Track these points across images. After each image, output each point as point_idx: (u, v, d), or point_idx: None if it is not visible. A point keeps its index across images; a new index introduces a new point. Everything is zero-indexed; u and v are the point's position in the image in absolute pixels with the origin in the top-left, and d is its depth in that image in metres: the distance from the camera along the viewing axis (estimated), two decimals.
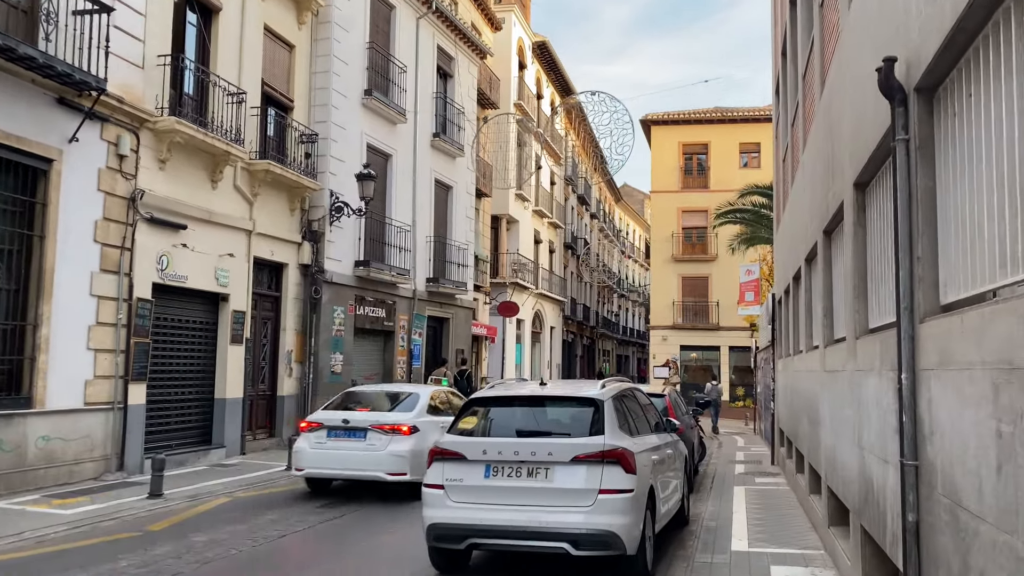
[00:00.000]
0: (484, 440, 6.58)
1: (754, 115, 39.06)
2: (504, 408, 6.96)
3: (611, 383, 7.40)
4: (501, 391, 7.12)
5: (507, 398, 7.00)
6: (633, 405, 7.72)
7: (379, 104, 19.24)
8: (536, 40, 36.71)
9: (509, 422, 6.80)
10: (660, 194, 40.14)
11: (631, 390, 7.95)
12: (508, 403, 6.98)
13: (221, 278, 14.44)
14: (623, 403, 7.22)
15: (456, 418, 6.92)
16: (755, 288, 28.62)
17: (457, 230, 23.74)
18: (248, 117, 15.21)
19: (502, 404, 6.99)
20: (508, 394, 7.02)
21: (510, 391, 7.12)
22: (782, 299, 14.38)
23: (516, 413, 6.91)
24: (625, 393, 7.53)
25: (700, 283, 39.63)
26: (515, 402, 6.98)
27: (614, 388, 7.21)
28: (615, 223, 64.06)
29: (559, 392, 7.09)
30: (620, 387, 7.48)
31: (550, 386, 7.30)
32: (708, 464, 16.65)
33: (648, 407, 8.52)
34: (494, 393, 7.06)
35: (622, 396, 7.28)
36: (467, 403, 6.98)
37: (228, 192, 14.77)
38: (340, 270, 17.86)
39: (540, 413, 6.86)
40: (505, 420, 6.84)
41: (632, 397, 7.88)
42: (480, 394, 7.11)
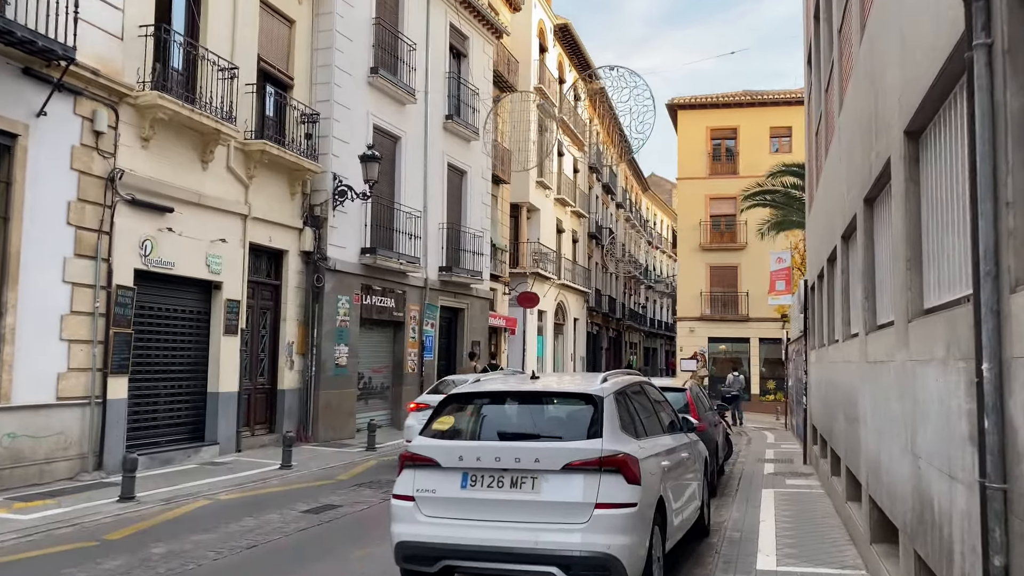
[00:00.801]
0: (460, 444, 5.59)
1: (785, 97, 37.52)
2: (487, 406, 5.96)
3: (615, 376, 6.38)
4: (484, 386, 6.12)
5: (490, 394, 5.99)
6: (642, 402, 6.68)
7: (386, 83, 18.29)
8: (558, 22, 35.57)
9: (492, 423, 5.81)
10: (687, 181, 38.81)
11: (640, 384, 6.90)
12: (491, 400, 5.97)
13: (213, 265, 13.60)
14: (628, 400, 6.19)
15: (431, 417, 5.94)
16: (786, 277, 27.32)
17: (472, 217, 22.76)
18: (242, 95, 14.34)
19: (484, 401, 5.99)
20: (491, 389, 6.01)
21: (494, 386, 6.11)
22: (815, 285, 13.22)
23: (501, 412, 5.91)
24: (632, 388, 6.49)
25: (729, 273, 38.27)
26: (499, 399, 5.96)
27: (618, 382, 6.18)
28: (642, 213, 62.75)
29: (551, 387, 6.07)
30: (626, 381, 6.44)
31: (543, 380, 6.28)
32: (735, 463, 15.54)
33: (662, 404, 7.48)
34: (475, 388, 6.07)
35: (627, 392, 6.25)
36: (444, 400, 5.99)
37: (220, 174, 13.91)
38: (345, 257, 16.97)
39: (529, 412, 5.85)
40: (487, 420, 5.85)
41: (641, 392, 6.84)
42: (460, 389, 6.12)
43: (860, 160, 6.92)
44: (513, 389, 6.01)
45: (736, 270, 38.05)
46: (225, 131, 13.31)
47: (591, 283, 42.65)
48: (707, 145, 38.69)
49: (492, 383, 6.27)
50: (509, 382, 6.30)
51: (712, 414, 12.42)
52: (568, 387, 6.06)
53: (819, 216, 12.00)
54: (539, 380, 6.24)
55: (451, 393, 6.07)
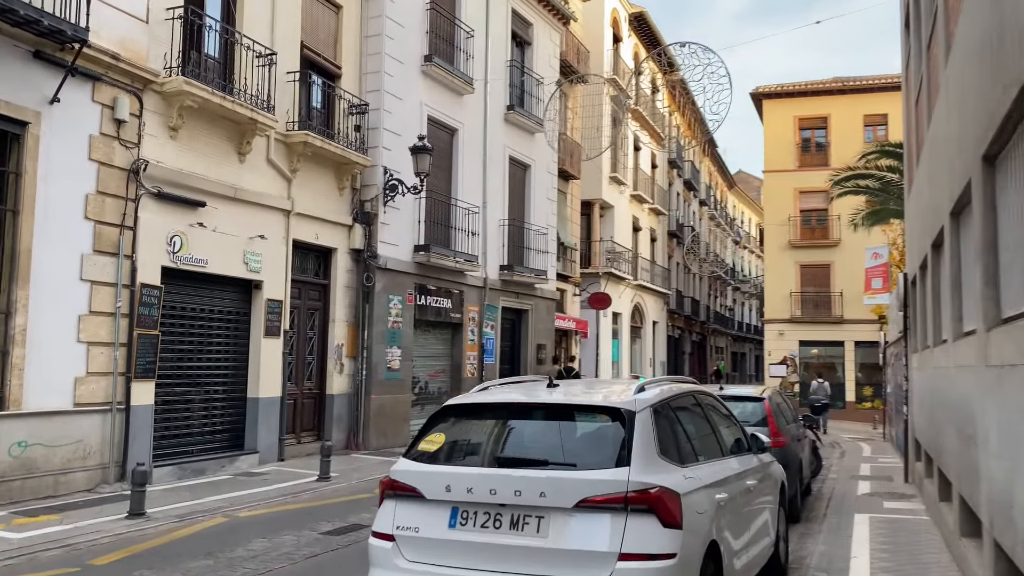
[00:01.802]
0: (448, 470, 4.40)
1: (880, 83, 34.96)
2: (487, 420, 4.76)
3: (658, 385, 5.06)
4: (486, 396, 4.91)
5: (492, 406, 4.78)
6: (694, 417, 5.36)
7: (441, 72, 17.30)
8: (633, 11, 34.05)
9: (493, 442, 4.60)
10: (774, 174, 36.60)
11: (692, 394, 5.55)
12: (494, 413, 4.75)
13: (252, 263, 12.83)
14: (673, 415, 4.89)
15: (419, 434, 4.78)
16: (883, 274, 25.10)
17: (536, 213, 21.57)
18: (283, 83, 13.57)
19: (484, 415, 4.78)
20: (494, 400, 4.80)
21: (498, 395, 4.89)
22: (917, 277, 11.48)
23: (505, 429, 4.69)
24: (680, 400, 5.16)
25: (821, 271, 35.87)
26: (504, 412, 4.73)
27: (660, 392, 4.87)
28: (728, 211, 60.33)
29: (570, 399, 4.79)
30: (672, 391, 5.11)
31: (564, 389, 5.01)
32: (824, 479, 13.86)
33: (724, 419, 6.11)
34: (474, 399, 4.87)
35: (672, 405, 4.93)
36: (437, 413, 4.83)
37: (259, 167, 13.15)
38: (397, 255, 16.04)
39: (540, 430, 4.60)
40: (486, 439, 4.65)
41: (695, 405, 5.51)
42: (456, 399, 4.93)
43: (975, 108, 5.42)
44: (521, 400, 4.78)
45: (828, 268, 35.63)
46: (262, 121, 12.53)
47: (671, 284, 40.84)
48: (795, 136, 36.41)
49: (498, 391, 5.05)
50: (519, 390, 5.07)
51: (796, 427, 10.86)
52: (591, 398, 4.78)
53: (921, 195, 10.32)
54: (558, 388, 4.98)
55: (446, 404, 4.89)
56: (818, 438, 14.78)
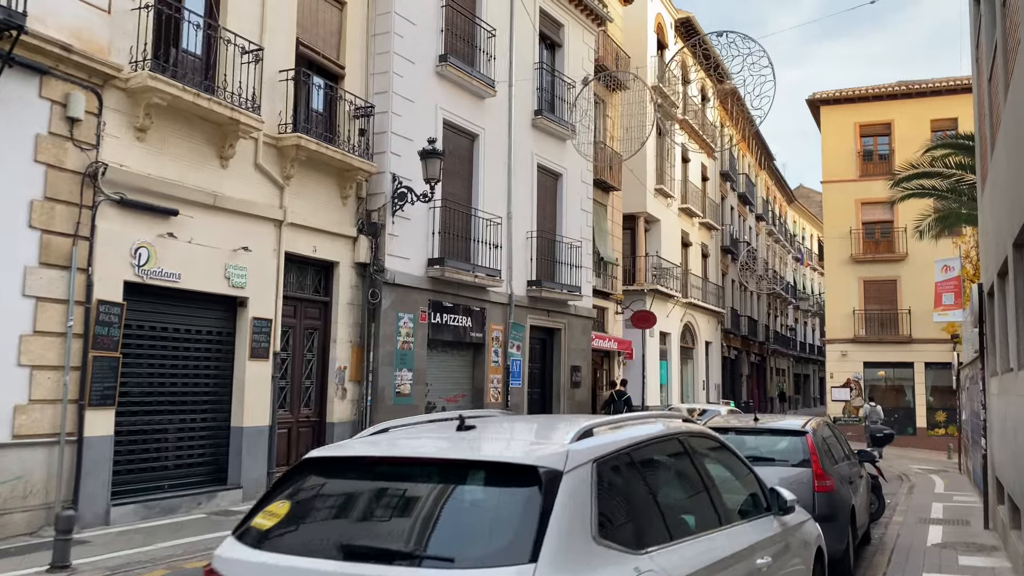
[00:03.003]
0: (275, 562, 2.96)
1: (948, 85, 32.62)
2: (353, 482, 3.29)
3: (611, 428, 3.54)
4: (360, 446, 3.46)
5: (360, 463, 3.31)
6: (675, 472, 3.83)
7: (458, 73, 16.05)
8: (679, 16, 32.46)
9: (347, 519, 3.15)
10: (834, 184, 34.38)
11: (676, 438, 4.00)
12: (361, 472, 3.28)
13: (235, 278, 11.66)
14: (637, 471, 3.37)
15: (262, 498, 3.36)
16: (955, 288, 22.90)
17: (569, 225, 20.09)
18: (275, 82, 12.47)
19: (349, 473, 3.33)
20: (363, 454, 3.33)
21: (375, 447, 3.41)
22: (995, 286, 9.65)
23: (372, 497, 3.20)
24: (648, 448, 3.61)
25: (886, 287, 33.44)
26: (375, 470, 3.25)
27: (614, 440, 3.36)
28: (787, 226, 57.83)
29: (469, 451, 3.23)
30: (635, 436, 3.57)
31: (475, 435, 3.49)
32: (888, 523, 11.97)
33: (728, 471, 4.56)
34: (339, 451, 3.42)
35: (635, 457, 3.40)
36: (293, 468, 3.39)
37: (245, 172, 12.02)
38: (407, 270, 14.75)
39: (420, 499, 3.11)
40: (344, 513, 3.19)
41: (680, 453, 3.97)
42: (319, 451, 3.49)
43: None
44: (399, 455, 3.30)
45: (895, 284, 33.20)
46: (246, 122, 11.39)
47: (725, 302, 38.77)
48: (856, 143, 34.19)
49: (387, 438, 3.59)
50: (415, 437, 3.60)
51: (848, 465, 9.10)
52: (501, 450, 3.29)
53: (998, 184, 8.55)
54: (470, 434, 3.49)
55: (306, 456, 3.45)
56: (880, 473, 12.88)
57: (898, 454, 24.65)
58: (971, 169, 14.18)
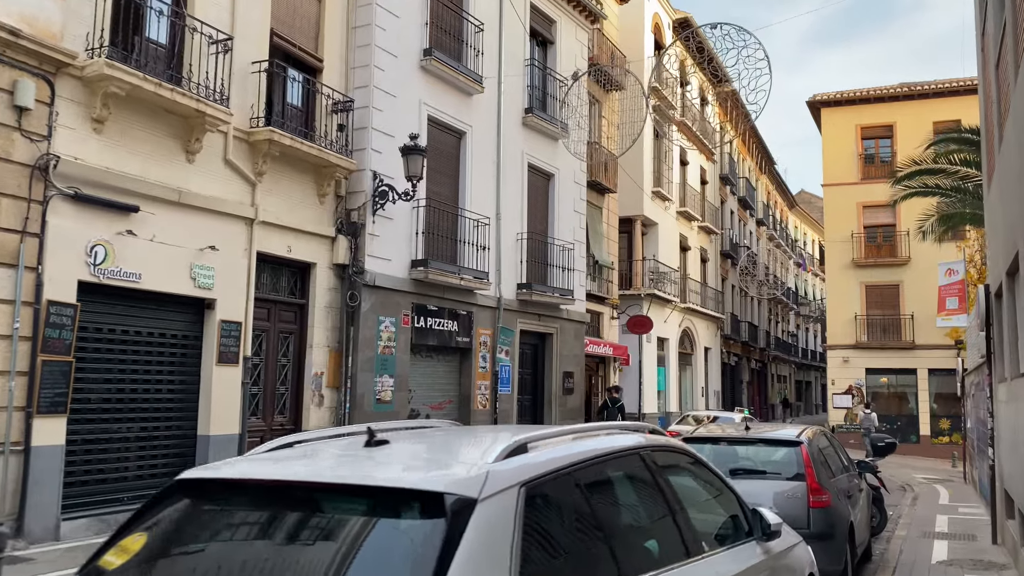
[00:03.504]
0: None
1: (951, 87, 32.06)
2: (227, 511, 2.68)
3: (550, 442, 2.93)
4: (243, 465, 2.87)
5: (238, 487, 2.69)
6: (631, 494, 3.23)
7: (444, 68, 15.48)
8: (677, 17, 31.93)
9: (212, 559, 2.55)
10: (835, 187, 33.78)
11: (637, 453, 3.38)
12: (238, 499, 2.65)
13: (201, 278, 11.08)
14: (581, 495, 2.77)
15: (118, 530, 2.76)
16: (959, 293, 22.29)
17: (562, 227, 19.50)
18: (247, 74, 11.92)
19: (222, 500, 2.71)
20: (242, 477, 2.72)
21: (260, 466, 2.80)
22: (1003, 286, 9.04)
23: (245, 530, 2.60)
24: (595, 467, 2.99)
25: (889, 292, 32.82)
26: (253, 497, 2.60)
27: (550, 457, 2.75)
28: (788, 232, 57.23)
29: (364, 475, 2.48)
30: (579, 452, 2.95)
31: (387, 452, 2.81)
32: (890, 539, 11.35)
33: (701, 492, 3.95)
34: (215, 472, 2.81)
35: (578, 479, 2.79)
36: (160, 492, 2.79)
37: (214, 168, 11.45)
38: (389, 271, 14.16)
39: (306, 533, 2.51)
40: (208, 551, 2.60)
41: (641, 471, 3.36)
42: (193, 472, 2.88)
43: None
44: (282, 479, 2.69)
45: (897, 289, 32.57)
46: (213, 114, 10.83)
47: (725, 308, 38.15)
48: (857, 146, 33.61)
49: (282, 455, 3.00)
50: (312, 454, 3.00)
51: (847, 478, 8.49)
52: (396, 473, 2.66)
53: (1008, 175, 7.95)
54: (379, 450, 2.88)
55: (178, 477, 2.85)
56: (882, 484, 12.26)
57: (901, 463, 24.00)
58: (976, 166, 13.58)
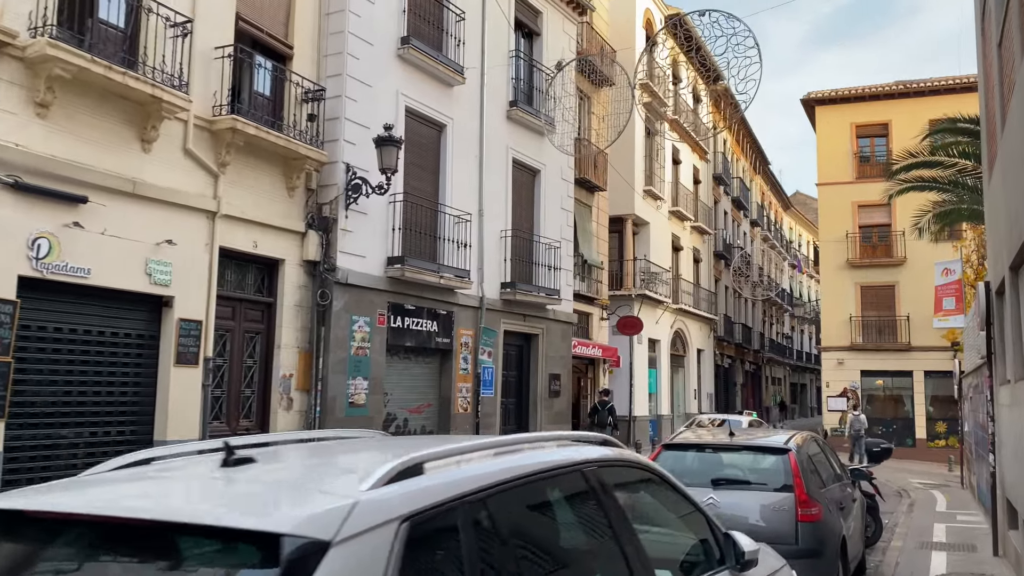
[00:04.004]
0: None
1: (947, 84, 31.57)
2: (31, 545, 2.09)
3: (457, 459, 2.33)
4: (52, 492, 2.26)
5: (39, 519, 2.10)
6: (585, 514, 2.66)
7: (423, 57, 14.89)
8: (670, 13, 31.36)
9: None
10: (829, 187, 33.26)
11: (579, 470, 2.78)
12: (37, 535, 2.07)
13: (157, 274, 10.46)
14: (490, 526, 2.17)
15: None
16: (956, 292, 21.75)
17: (548, 224, 18.91)
18: (209, 60, 11.32)
19: (29, 533, 2.12)
20: (40, 509, 2.12)
21: (65, 496, 2.18)
22: (1005, 282, 8.46)
23: (55, 569, 2.01)
24: (518, 491, 2.38)
25: (884, 293, 32.30)
26: (53, 535, 2.03)
27: (459, 476, 2.16)
28: (783, 233, 56.73)
29: (189, 510, 1.89)
30: (504, 468, 2.37)
31: (251, 467, 2.25)
32: (886, 549, 10.77)
33: (678, 508, 3.36)
34: (8, 503, 2.21)
35: (490, 506, 2.19)
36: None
37: (172, 158, 10.84)
38: (364, 269, 13.55)
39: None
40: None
41: (583, 492, 2.76)
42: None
43: None
44: (80, 512, 2.08)
45: (893, 290, 32.05)
46: (170, 100, 10.22)
47: (718, 309, 37.59)
48: (852, 144, 33.10)
49: (61, 490, 2.34)
50: (100, 489, 2.36)
51: (840, 488, 7.90)
52: (231, 506, 2.03)
53: (1014, 165, 7.37)
54: (237, 470, 2.28)
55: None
56: (877, 492, 11.69)
57: (897, 467, 23.44)
58: (975, 157, 13.02)
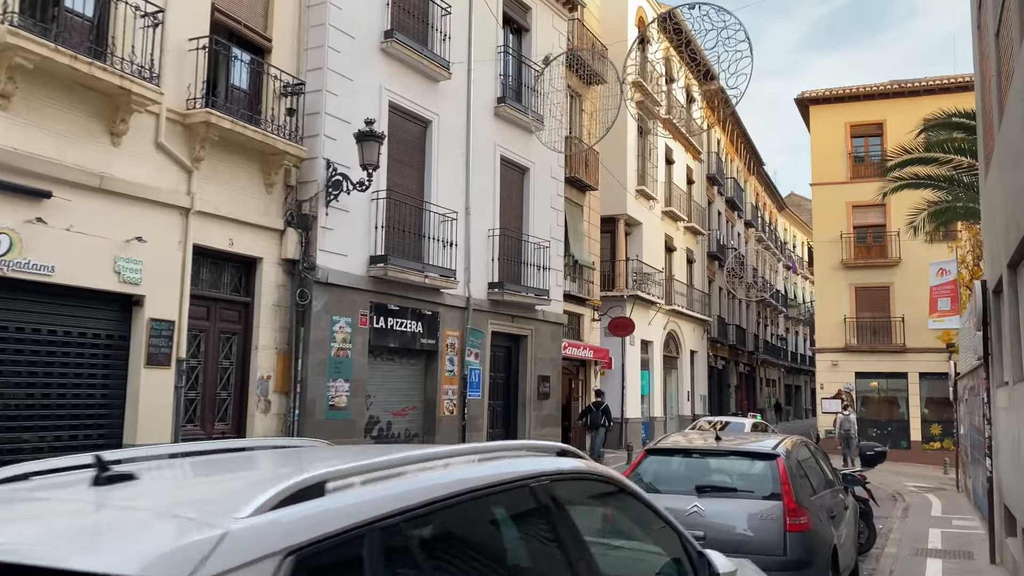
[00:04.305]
0: None
1: (942, 83, 31.30)
2: None
3: (354, 483, 1.98)
4: None
5: None
6: (534, 536, 2.32)
7: (407, 51, 14.55)
8: (662, 11, 31.05)
9: None
10: (824, 187, 32.99)
11: (527, 486, 2.44)
12: None
13: (126, 272, 10.10)
14: (409, 559, 1.83)
15: None
16: (951, 293, 21.45)
17: (537, 224, 18.58)
18: (183, 52, 10.96)
19: None
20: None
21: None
22: (1003, 281, 8.15)
23: None
24: (448, 507, 2.06)
25: (879, 294, 32.02)
26: None
27: (366, 497, 1.82)
28: (778, 234, 56.47)
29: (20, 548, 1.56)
30: (426, 485, 2.03)
31: (123, 487, 1.88)
32: (880, 557, 10.44)
33: (646, 524, 3.02)
34: None
35: (406, 532, 1.86)
36: None
37: (143, 152, 10.48)
38: (345, 268, 13.20)
39: None
40: None
41: (536, 511, 2.43)
42: None
43: None
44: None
45: (888, 291, 31.77)
46: (139, 92, 9.87)
47: (712, 310, 37.28)
48: (847, 144, 32.84)
49: None
50: None
51: (831, 494, 7.57)
52: (54, 545, 1.64)
53: (1013, 155, 7.05)
54: (106, 491, 1.91)
55: None
56: (871, 496, 11.37)
57: (892, 470, 23.14)
58: (971, 154, 12.73)
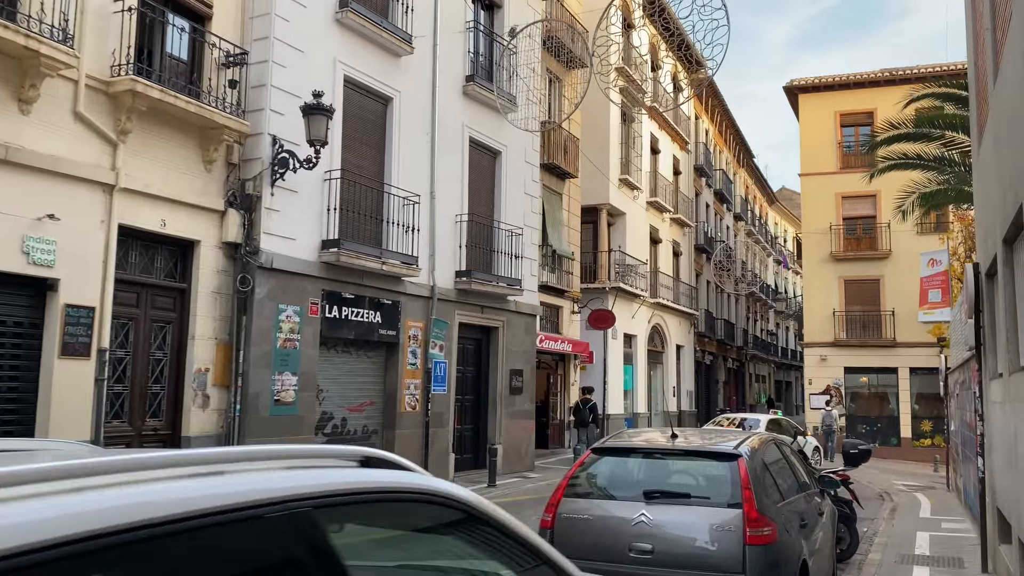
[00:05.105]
0: None
1: (933, 71, 30.41)
2: None
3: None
4: None
5: None
6: None
7: (364, 22, 13.65)
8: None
9: None
10: (812, 177, 32.15)
11: (305, 514, 1.60)
12: None
13: (37, 253, 9.19)
14: None
15: None
16: (942, 284, 20.66)
17: (510, 210, 17.69)
18: (108, 15, 10.04)
19: None
20: None
21: None
22: (998, 260, 7.29)
23: None
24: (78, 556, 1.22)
25: (869, 287, 31.19)
26: None
27: None
28: (768, 228, 55.69)
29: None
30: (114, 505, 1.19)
31: None
32: (863, 564, 9.59)
33: (509, 560, 2.14)
34: None
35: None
36: None
37: (59, 122, 9.57)
38: (293, 252, 12.30)
39: None
40: None
41: (320, 551, 1.56)
42: None
43: None
44: None
45: (877, 284, 30.95)
46: (50, 54, 8.95)
47: (699, 304, 36.45)
48: (836, 133, 32.00)
49: None
50: None
51: (803, 499, 6.70)
52: None
53: (1005, 124, 6.18)
54: None
55: None
56: (855, 498, 10.52)
57: (881, 467, 22.36)
58: (964, 129, 11.91)
